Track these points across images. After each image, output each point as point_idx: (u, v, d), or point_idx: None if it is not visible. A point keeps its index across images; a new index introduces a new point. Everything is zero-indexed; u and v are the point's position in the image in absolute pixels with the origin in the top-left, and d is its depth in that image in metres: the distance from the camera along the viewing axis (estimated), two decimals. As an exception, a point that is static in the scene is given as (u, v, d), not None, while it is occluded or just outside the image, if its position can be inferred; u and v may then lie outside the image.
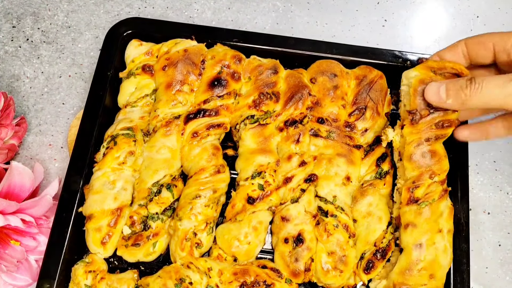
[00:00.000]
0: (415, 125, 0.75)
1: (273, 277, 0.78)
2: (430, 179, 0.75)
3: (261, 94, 0.87)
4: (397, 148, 0.80)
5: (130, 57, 0.92)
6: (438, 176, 0.76)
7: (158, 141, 0.86)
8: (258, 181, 0.83)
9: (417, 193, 0.75)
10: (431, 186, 0.75)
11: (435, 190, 0.75)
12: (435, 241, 0.73)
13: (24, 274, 0.83)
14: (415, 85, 0.75)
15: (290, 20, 1.09)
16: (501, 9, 1.12)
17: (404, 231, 0.75)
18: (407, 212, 0.75)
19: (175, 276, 0.77)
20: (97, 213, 0.80)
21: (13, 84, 1.02)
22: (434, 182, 0.75)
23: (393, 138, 0.80)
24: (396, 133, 0.79)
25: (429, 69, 0.76)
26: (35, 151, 0.97)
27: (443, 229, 0.74)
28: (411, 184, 0.75)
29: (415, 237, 0.74)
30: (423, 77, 0.75)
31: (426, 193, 0.75)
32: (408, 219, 0.75)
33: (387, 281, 0.76)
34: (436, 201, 0.75)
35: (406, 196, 0.76)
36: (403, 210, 0.76)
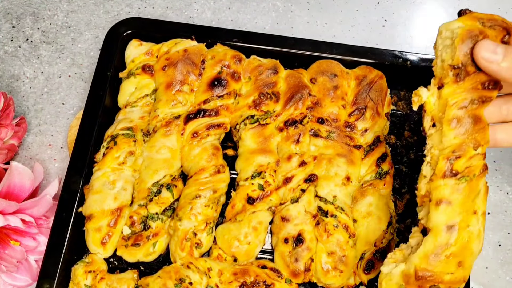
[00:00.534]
0: (459, 83, 0.63)
1: (273, 277, 0.78)
2: (473, 150, 0.63)
3: (261, 94, 0.87)
4: (431, 112, 0.67)
5: (130, 57, 0.92)
6: (481, 147, 0.64)
7: (158, 141, 0.86)
8: (258, 181, 0.83)
9: (457, 165, 0.63)
10: (473, 159, 0.63)
11: (476, 164, 0.63)
12: (469, 223, 0.62)
13: (24, 274, 0.83)
14: (463, 35, 0.62)
15: (290, 20, 1.09)
16: (501, 9, 1.12)
17: (436, 209, 0.63)
18: (441, 186, 0.63)
19: (175, 276, 0.77)
20: (97, 213, 0.80)
21: (13, 84, 1.02)
22: (477, 154, 0.63)
23: (427, 99, 0.66)
24: (432, 93, 0.66)
25: (477, 19, 0.64)
26: (35, 151, 0.97)
27: (478, 210, 0.63)
28: (451, 153, 0.63)
29: (449, 217, 0.62)
30: (471, 28, 0.63)
31: (467, 166, 0.63)
32: (442, 195, 0.63)
33: (406, 266, 0.64)
34: (477, 177, 0.63)
35: (443, 167, 0.63)
36: (437, 183, 0.63)
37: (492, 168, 0.97)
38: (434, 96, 0.66)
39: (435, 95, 0.66)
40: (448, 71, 0.64)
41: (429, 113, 0.67)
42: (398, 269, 0.65)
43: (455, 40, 0.63)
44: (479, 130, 0.64)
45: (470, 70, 0.63)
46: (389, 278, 0.65)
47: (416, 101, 0.68)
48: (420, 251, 0.63)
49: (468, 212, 0.63)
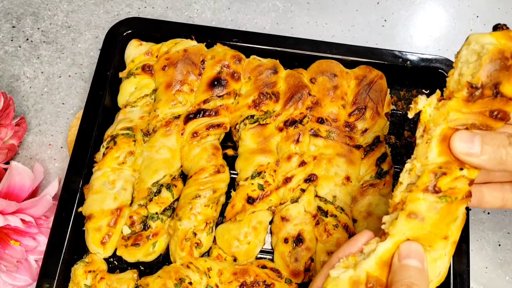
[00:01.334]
0: (469, 103, 0.57)
1: (273, 277, 0.78)
2: (459, 171, 0.58)
3: (261, 94, 0.87)
4: (424, 122, 0.62)
5: (130, 57, 0.92)
6: (467, 170, 0.59)
7: (158, 141, 0.86)
8: (258, 181, 0.83)
9: (441, 182, 0.58)
10: (458, 180, 0.58)
11: (461, 187, 0.58)
12: (434, 246, 0.58)
13: (24, 274, 0.83)
14: (493, 55, 0.56)
15: (290, 20, 1.09)
16: (501, 9, 1.12)
17: (406, 219, 0.58)
18: (420, 200, 0.58)
19: (175, 276, 0.77)
20: (97, 213, 0.80)
21: (12, 84, 1.02)
22: (463, 176, 0.59)
23: (423, 108, 0.62)
24: (429, 103, 0.62)
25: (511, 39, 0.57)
26: (34, 151, 0.97)
27: (450, 237, 0.59)
28: (438, 169, 0.58)
29: (415, 232, 0.58)
30: (504, 48, 0.56)
31: (451, 187, 0.58)
32: (418, 209, 0.58)
33: (355, 272, 0.57)
34: (458, 201, 0.59)
35: (426, 180, 0.58)
36: (415, 196, 0.58)
37: (492, 168, 0.97)
38: (431, 106, 0.62)
39: (433, 106, 0.62)
40: (464, 88, 0.58)
41: (423, 123, 0.63)
42: (347, 274, 0.58)
43: (483, 57, 0.57)
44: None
45: (486, 94, 0.57)
46: (335, 283, 0.58)
47: (412, 108, 0.63)
48: (374, 257, 0.58)
49: (437, 235, 0.59)
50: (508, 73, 0.56)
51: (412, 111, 0.63)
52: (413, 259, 0.55)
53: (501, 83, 0.56)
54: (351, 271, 0.57)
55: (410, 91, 0.96)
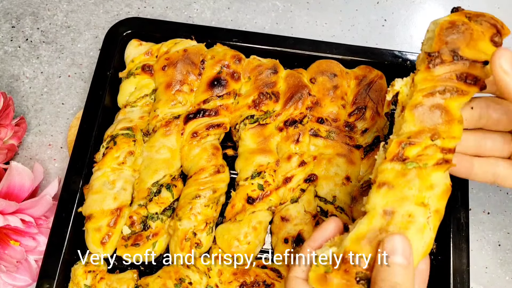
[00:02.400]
0: (431, 70, 0.60)
1: (273, 277, 0.78)
2: (430, 140, 0.58)
3: (260, 94, 0.87)
4: (402, 102, 0.64)
5: (129, 57, 0.92)
6: (441, 139, 0.58)
7: (157, 141, 0.86)
8: (258, 181, 0.83)
9: (409, 151, 0.58)
10: (428, 149, 0.58)
11: (432, 155, 0.58)
12: (412, 214, 0.56)
13: (24, 274, 0.83)
14: (443, 25, 0.60)
15: (289, 20, 1.09)
16: (500, 8, 1.12)
17: (376, 191, 0.58)
18: (387, 170, 0.58)
19: (175, 276, 0.77)
20: (97, 213, 0.80)
21: (12, 84, 1.02)
22: (434, 145, 0.58)
23: (400, 88, 0.64)
24: (405, 83, 0.64)
25: (464, 14, 0.62)
26: (34, 151, 0.97)
27: (429, 205, 0.57)
28: (406, 139, 0.59)
29: (388, 201, 0.57)
30: (454, 19, 0.61)
31: (420, 154, 0.58)
32: (386, 178, 0.58)
33: (338, 249, 0.57)
34: (429, 168, 0.58)
35: (393, 150, 0.58)
36: (384, 166, 0.58)
37: (492, 168, 0.97)
38: (407, 86, 0.63)
39: (409, 85, 0.63)
40: (425, 59, 0.61)
41: (400, 103, 0.64)
42: (329, 251, 0.58)
43: (436, 29, 0.61)
44: (444, 122, 0.59)
45: (445, 60, 0.60)
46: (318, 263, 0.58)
47: (389, 90, 0.65)
48: (352, 233, 0.57)
49: (413, 201, 0.57)
50: (463, 38, 0.59)
51: (390, 93, 0.64)
52: (398, 255, 0.53)
53: (459, 48, 0.59)
54: (334, 249, 0.58)
55: (410, 91, 0.96)
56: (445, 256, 0.81)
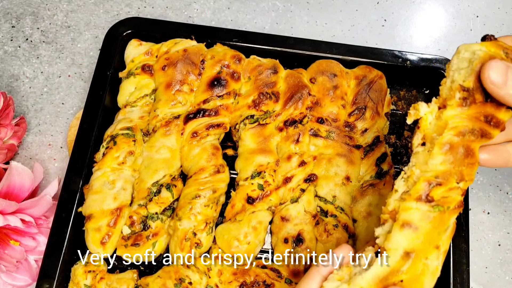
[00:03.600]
0: (464, 108, 0.57)
1: (273, 277, 0.78)
2: (455, 182, 0.57)
3: (260, 94, 0.87)
4: (424, 130, 0.61)
5: (129, 57, 0.92)
6: (464, 182, 0.58)
7: (157, 141, 0.86)
8: (258, 181, 0.83)
9: (435, 192, 0.57)
10: (452, 191, 0.57)
11: (454, 197, 0.57)
12: (428, 256, 0.57)
13: (24, 274, 0.83)
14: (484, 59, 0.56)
15: (289, 20, 1.09)
16: (500, 9, 1.12)
17: (400, 230, 0.57)
18: (413, 209, 0.57)
19: (175, 276, 0.77)
20: (97, 213, 0.80)
21: (12, 84, 1.02)
22: (458, 187, 0.58)
23: (424, 115, 0.60)
24: (431, 111, 0.60)
25: (501, 48, 0.58)
26: (34, 151, 0.97)
27: (441, 247, 0.58)
28: (433, 178, 0.57)
29: (410, 243, 0.56)
30: (494, 54, 0.57)
31: (444, 196, 0.57)
32: (411, 218, 0.57)
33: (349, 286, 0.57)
34: (450, 211, 0.58)
35: (420, 189, 0.57)
36: (408, 205, 0.57)
37: (492, 168, 0.97)
38: (433, 114, 0.60)
39: (434, 114, 0.60)
40: (456, 93, 0.58)
41: (422, 131, 0.61)
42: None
43: (474, 63, 0.57)
44: (468, 164, 0.58)
45: (477, 98, 0.57)
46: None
47: (412, 114, 0.61)
48: (370, 273, 0.56)
49: (430, 244, 0.57)
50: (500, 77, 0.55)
51: (412, 117, 0.61)
52: None
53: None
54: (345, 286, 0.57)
55: (410, 91, 0.96)
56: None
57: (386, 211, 0.60)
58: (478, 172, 0.96)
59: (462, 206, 0.59)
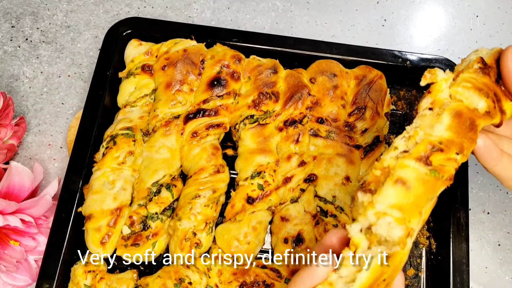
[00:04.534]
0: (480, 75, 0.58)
1: (273, 277, 0.78)
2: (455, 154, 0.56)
3: (260, 94, 0.87)
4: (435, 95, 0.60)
5: (129, 57, 0.92)
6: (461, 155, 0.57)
7: (157, 141, 0.86)
8: (258, 181, 0.83)
9: (435, 157, 0.55)
10: (450, 161, 0.56)
11: (449, 169, 0.56)
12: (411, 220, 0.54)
13: (24, 274, 0.83)
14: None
15: (289, 19, 1.09)
16: (500, 8, 1.12)
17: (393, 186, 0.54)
18: (410, 168, 0.55)
19: (175, 276, 0.77)
20: (97, 213, 0.80)
21: (12, 84, 1.02)
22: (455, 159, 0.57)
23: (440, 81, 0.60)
24: (447, 78, 0.60)
25: None
26: (34, 151, 0.96)
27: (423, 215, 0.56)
28: (437, 143, 0.56)
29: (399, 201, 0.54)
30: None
31: (442, 164, 0.56)
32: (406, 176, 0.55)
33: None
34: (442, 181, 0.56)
35: (423, 150, 0.56)
36: (406, 162, 0.55)
37: (492, 168, 0.97)
38: (447, 82, 0.60)
39: (449, 82, 0.60)
40: (474, 64, 0.59)
41: (434, 96, 0.60)
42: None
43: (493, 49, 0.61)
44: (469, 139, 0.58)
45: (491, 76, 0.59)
46: None
47: (427, 77, 0.60)
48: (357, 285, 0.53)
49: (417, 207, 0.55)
50: None
51: (426, 80, 0.61)
52: None
53: None
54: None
55: (410, 91, 0.96)
56: (445, 255, 0.81)
57: (379, 166, 0.58)
58: (478, 172, 0.96)
59: (452, 181, 0.58)
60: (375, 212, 0.55)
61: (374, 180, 0.58)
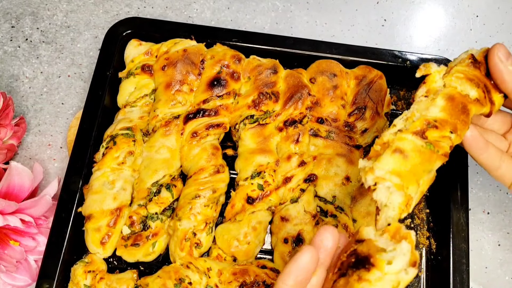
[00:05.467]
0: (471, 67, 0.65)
1: (273, 277, 0.78)
2: (449, 132, 0.62)
3: (260, 94, 0.87)
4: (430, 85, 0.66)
5: (129, 57, 0.92)
6: (455, 135, 0.62)
7: (157, 141, 0.86)
8: (258, 181, 0.83)
9: (431, 133, 0.61)
10: (444, 139, 0.62)
11: (444, 145, 0.62)
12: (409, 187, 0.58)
13: (24, 274, 0.83)
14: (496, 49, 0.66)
15: (289, 20, 1.09)
16: (500, 8, 1.12)
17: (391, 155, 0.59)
18: (407, 140, 0.60)
19: (175, 276, 0.77)
20: (97, 213, 0.80)
21: (12, 84, 1.02)
22: (449, 137, 0.62)
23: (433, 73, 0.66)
24: (440, 71, 0.66)
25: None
26: (34, 151, 0.96)
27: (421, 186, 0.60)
28: (432, 120, 0.62)
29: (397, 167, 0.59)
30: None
31: (437, 140, 0.61)
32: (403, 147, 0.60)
33: None
34: (438, 155, 0.61)
35: (419, 125, 0.61)
36: (404, 136, 0.61)
37: (492, 168, 0.97)
38: (440, 74, 0.66)
39: (442, 74, 0.66)
40: (466, 59, 0.66)
41: (428, 85, 0.66)
42: None
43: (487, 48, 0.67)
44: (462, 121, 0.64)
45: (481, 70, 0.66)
46: None
47: (422, 69, 0.67)
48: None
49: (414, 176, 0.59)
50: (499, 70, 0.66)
51: (421, 72, 0.67)
52: None
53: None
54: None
55: (410, 91, 0.96)
56: (445, 256, 0.81)
57: (379, 142, 0.63)
58: (478, 172, 0.96)
59: (447, 158, 0.63)
60: (374, 177, 0.58)
61: (375, 154, 0.62)
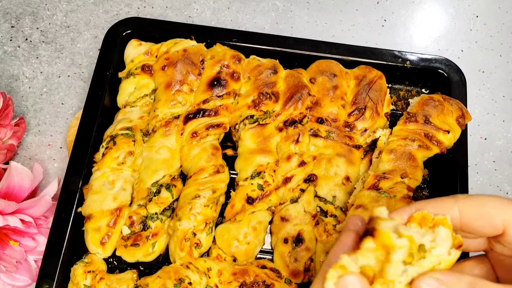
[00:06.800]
0: (407, 124, 0.81)
1: (273, 277, 0.78)
2: (400, 178, 0.77)
3: (260, 94, 0.87)
4: (380, 146, 0.83)
5: (129, 57, 0.92)
6: (408, 179, 0.76)
7: (157, 141, 0.86)
8: (258, 181, 0.83)
9: (383, 184, 0.76)
10: (398, 185, 0.76)
11: (400, 190, 0.75)
12: None
13: (23, 274, 0.83)
14: (424, 97, 0.84)
15: (289, 19, 1.09)
16: (500, 8, 1.12)
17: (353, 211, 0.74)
18: (364, 195, 0.75)
19: (175, 276, 0.77)
20: (96, 213, 0.80)
21: (12, 84, 1.01)
22: (402, 182, 0.76)
23: (381, 136, 0.84)
24: (385, 134, 0.84)
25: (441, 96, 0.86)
26: (34, 151, 0.96)
27: None
28: (381, 174, 0.77)
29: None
30: (433, 96, 0.85)
31: (391, 187, 0.75)
32: (362, 201, 0.74)
33: None
34: (396, 200, 0.74)
35: (371, 181, 0.76)
36: (362, 193, 0.76)
37: (492, 168, 0.97)
38: (386, 136, 0.84)
39: (387, 136, 0.83)
40: (404, 117, 0.83)
41: (378, 148, 0.84)
42: None
43: (418, 99, 0.85)
44: (411, 166, 0.78)
45: (419, 120, 0.81)
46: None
47: (370, 135, 0.85)
48: None
49: None
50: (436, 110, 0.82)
51: (370, 138, 0.85)
52: None
53: (431, 116, 0.82)
54: None
55: (409, 91, 0.96)
56: (445, 256, 0.81)
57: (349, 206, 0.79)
58: (478, 172, 0.96)
59: (410, 199, 0.76)
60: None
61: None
